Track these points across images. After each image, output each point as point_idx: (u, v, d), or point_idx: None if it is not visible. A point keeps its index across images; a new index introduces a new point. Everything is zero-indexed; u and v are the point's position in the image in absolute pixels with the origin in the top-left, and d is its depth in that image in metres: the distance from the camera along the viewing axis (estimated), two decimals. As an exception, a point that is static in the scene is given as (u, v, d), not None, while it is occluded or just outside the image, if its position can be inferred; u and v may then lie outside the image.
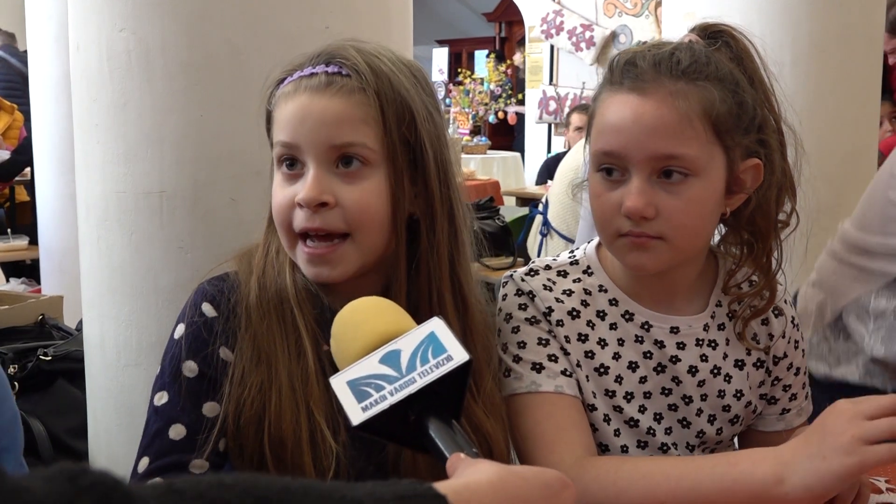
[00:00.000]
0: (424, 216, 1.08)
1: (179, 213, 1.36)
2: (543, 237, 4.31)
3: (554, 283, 1.19)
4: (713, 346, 1.20)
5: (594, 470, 1.04)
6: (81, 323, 1.74)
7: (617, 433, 1.18)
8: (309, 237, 1.05)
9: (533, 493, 0.67)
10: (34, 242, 4.70)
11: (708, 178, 1.09)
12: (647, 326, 1.18)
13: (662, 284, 1.18)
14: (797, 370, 1.27)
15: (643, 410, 1.18)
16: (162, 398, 1.05)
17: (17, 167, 4.97)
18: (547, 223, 4.28)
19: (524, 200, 6.04)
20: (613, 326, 1.18)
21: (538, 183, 6.39)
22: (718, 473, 1.00)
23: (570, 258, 1.24)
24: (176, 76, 1.34)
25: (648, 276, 1.15)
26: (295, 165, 1.06)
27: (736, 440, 1.29)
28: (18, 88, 5.37)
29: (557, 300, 1.17)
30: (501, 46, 11.96)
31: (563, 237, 4.17)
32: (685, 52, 1.10)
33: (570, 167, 4.02)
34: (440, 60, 11.20)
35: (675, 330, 1.18)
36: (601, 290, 1.20)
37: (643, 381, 1.18)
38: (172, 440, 1.03)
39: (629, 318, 1.18)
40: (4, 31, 5.80)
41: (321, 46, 1.09)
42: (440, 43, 12.20)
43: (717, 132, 1.08)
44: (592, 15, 8.25)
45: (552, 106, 8.73)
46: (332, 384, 0.80)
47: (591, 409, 1.16)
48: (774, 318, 1.24)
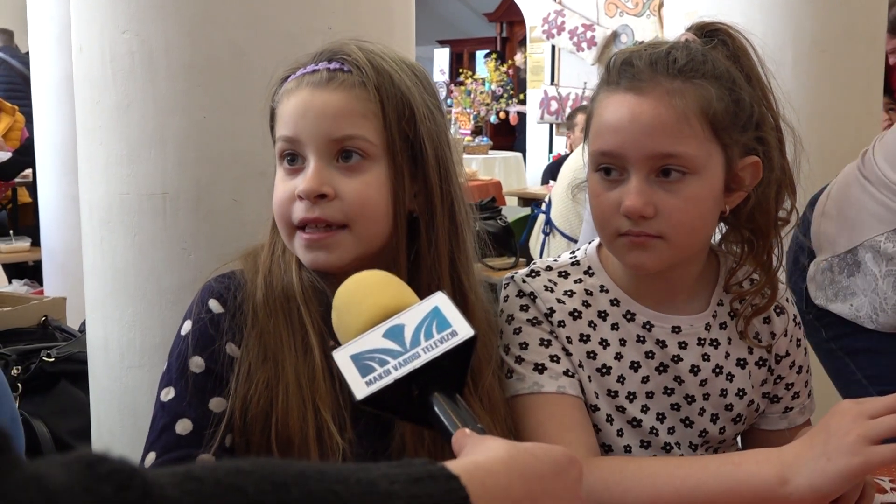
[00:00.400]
0: (424, 213, 1.09)
1: (182, 214, 1.36)
2: (546, 236, 4.31)
3: (555, 284, 1.19)
4: (715, 345, 1.20)
5: (598, 470, 1.04)
6: (84, 324, 1.74)
7: (620, 433, 1.18)
8: (307, 226, 1.06)
9: (543, 468, 0.67)
10: (36, 244, 4.70)
11: (706, 176, 1.09)
12: (648, 326, 1.18)
13: (663, 284, 1.18)
14: (800, 368, 1.27)
15: (646, 410, 1.19)
16: (169, 393, 1.06)
17: (18, 167, 4.97)
18: (550, 222, 4.29)
19: (526, 201, 6.05)
20: (615, 327, 1.18)
21: (542, 184, 6.39)
22: (723, 473, 1.00)
23: (570, 259, 1.24)
24: (179, 77, 1.34)
25: (649, 275, 1.16)
26: (296, 160, 1.07)
27: (739, 439, 1.29)
28: (20, 90, 5.37)
29: (559, 301, 1.17)
30: (503, 46, 11.96)
31: (565, 236, 4.18)
32: (681, 50, 1.10)
33: (573, 167, 4.03)
34: (441, 61, 11.21)
35: (676, 329, 1.18)
36: (602, 290, 1.20)
37: (645, 381, 1.18)
38: (179, 435, 1.03)
39: (631, 318, 1.18)
40: (2, 28, 5.79)
41: (324, 45, 1.10)
42: (441, 43, 12.22)
43: (714, 130, 1.08)
44: (594, 15, 8.25)
45: (553, 106, 8.73)
46: (335, 358, 0.79)
47: (593, 409, 1.16)
48: (776, 316, 1.24)
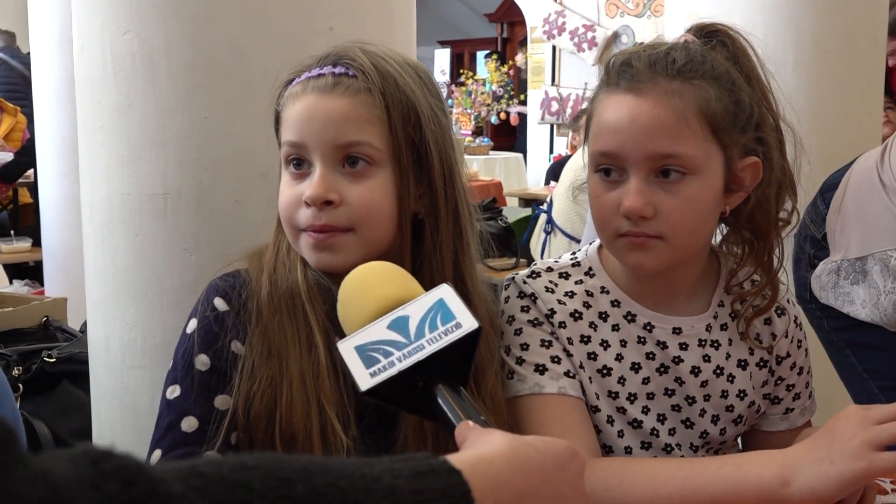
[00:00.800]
0: (429, 215, 1.10)
1: (184, 214, 1.36)
2: (547, 235, 4.31)
3: (556, 285, 1.19)
4: (716, 346, 1.20)
5: (599, 471, 1.04)
6: (85, 325, 1.74)
7: (620, 434, 1.18)
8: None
9: (546, 462, 0.67)
10: (37, 244, 4.70)
11: (706, 176, 1.09)
12: (649, 327, 1.18)
13: (664, 285, 1.18)
14: (800, 369, 1.27)
15: (646, 411, 1.18)
16: (174, 391, 1.06)
17: (20, 169, 4.97)
18: (551, 221, 4.29)
19: (527, 201, 6.04)
20: (616, 328, 1.18)
21: (545, 184, 6.39)
22: (724, 475, 1.00)
23: (571, 260, 1.24)
24: (180, 78, 1.34)
25: (650, 276, 1.16)
26: (302, 165, 1.08)
27: (739, 441, 1.29)
28: (21, 91, 5.37)
29: (559, 302, 1.17)
30: (503, 47, 11.96)
31: (567, 235, 4.18)
32: (680, 51, 1.10)
33: (575, 167, 4.04)
34: (442, 61, 11.23)
35: (677, 330, 1.18)
36: (603, 291, 1.20)
37: (646, 382, 1.18)
38: (185, 432, 1.04)
39: (631, 319, 1.18)
40: (4, 30, 5.79)
41: (329, 48, 1.11)
42: (442, 44, 12.23)
43: (713, 130, 1.08)
44: (594, 15, 8.25)
45: (554, 107, 8.73)
46: (339, 348, 0.80)
47: (594, 410, 1.16)
48: (777, 317, 1.24)
